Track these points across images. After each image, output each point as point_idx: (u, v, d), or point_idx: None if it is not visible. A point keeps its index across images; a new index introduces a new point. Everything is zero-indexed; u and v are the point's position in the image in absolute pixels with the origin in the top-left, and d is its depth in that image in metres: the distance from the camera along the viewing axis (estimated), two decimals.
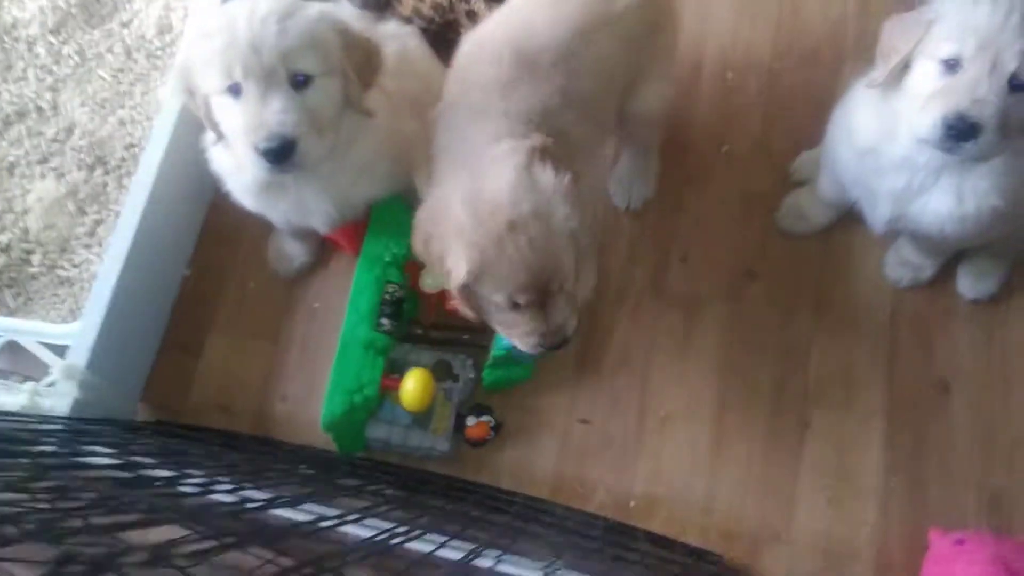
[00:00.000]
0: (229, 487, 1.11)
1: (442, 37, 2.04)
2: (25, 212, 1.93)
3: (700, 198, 2.02)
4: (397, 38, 1.84)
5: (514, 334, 1.44)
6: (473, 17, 2.02)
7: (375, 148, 1.63)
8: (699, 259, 1.96)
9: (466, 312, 1.45)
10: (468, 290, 1.37)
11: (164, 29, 2.10)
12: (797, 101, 2.11)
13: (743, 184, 2.03)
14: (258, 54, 1.37)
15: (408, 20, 1.99)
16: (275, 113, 1.39)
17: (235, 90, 1.40)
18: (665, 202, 2.01)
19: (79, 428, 1.44)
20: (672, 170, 2.02)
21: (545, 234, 1.32)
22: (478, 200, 1.33)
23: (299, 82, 1.42)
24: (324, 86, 1.45)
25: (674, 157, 2.03)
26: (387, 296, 1.70)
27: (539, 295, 1.36)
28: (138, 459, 1.23)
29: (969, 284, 1.87)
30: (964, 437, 1.77)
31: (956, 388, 1.81)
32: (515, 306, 1.38)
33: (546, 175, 1.33)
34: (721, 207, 2.01)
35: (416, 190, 1.81)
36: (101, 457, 1.21)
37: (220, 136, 1.50)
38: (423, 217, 1.42)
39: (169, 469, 1.16)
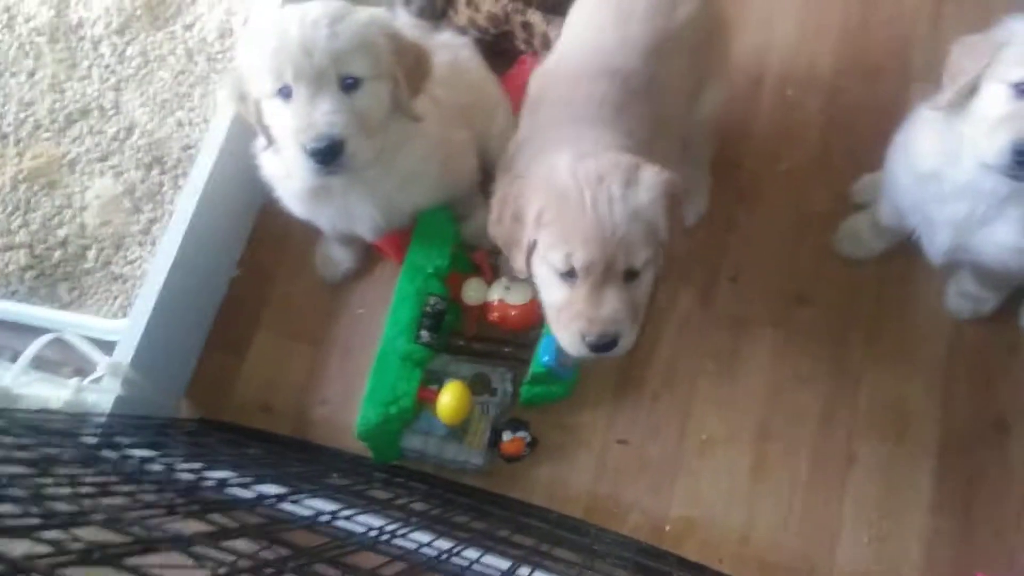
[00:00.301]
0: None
1: (496, 48, 2.04)
2: (83, 208, 1.98)
3: (753, 217, 1.97)
4: (450, 48, 1.84)
5: (562, 318, 1.37)
6: (528, 28, 2.01)
7: (423, 155, 1.63)
8: (749, 280, 1.91)
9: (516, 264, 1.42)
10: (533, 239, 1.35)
11: (225, 33, 2.13)
12: (860, 120, 2.05)
13: (799, 204, 1.98)
14: (309, 56, 1.38)
15: (463, 31, 1.99)
16: (324, 114, 1.39)
17: (285, 93, 1.41)
18: (716, 220, 1.97)
19: (116, 431, 1.47)
20: (725, 187, 1.98)
21: (630, 204, 1.30)
22: (580, 159, 1.34)
23: (348, 85, 1.42)
24: (373, 89, 1.45)
25: (728, 174, 1.99)
26: (428, 308, 1.70)
27: (601, 268, 1.30)
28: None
29: None
30: (1019, 478, 1.69)
31: (1015, 427, 1.73)
32: (570, 275, 1.33)
33: (651, 168, 1.34)
34: (775, 227, 1.96)
35: (462, 200, 1.82)
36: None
37: (270, 141, 1.51)
38: (507, 180, 1.45)
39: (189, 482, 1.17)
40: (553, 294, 1.38)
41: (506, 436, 1.75)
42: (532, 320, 1.77)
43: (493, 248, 1.88)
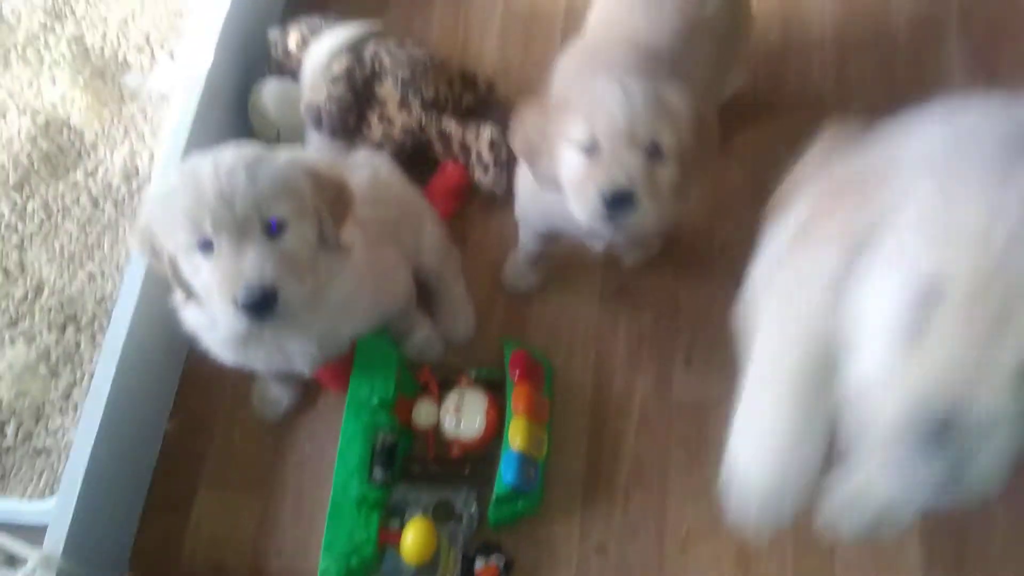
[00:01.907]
0: None
1: (415, 158, 2.00)
2: None
3: (696, 295, 1.93)
4: (369, 165, 1.79)
5: (581, 189, 1.39)
6: (445, 137, 1.97)
7: (354, 284, 1.55)
8: (703, 359, 1.86)
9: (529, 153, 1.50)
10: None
11: (130, 175, 2.04)
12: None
13: (737, 275, 1.94)
14: (230, 206, 1.30)
15: (379, 146, 1.94)
16: (252, 264, 1.31)
17: (206, 245, 1.33)
18: (660, 301, 1.93)
19: None
20: (665, 267, 1.95)
21: (660, 94, 1.38)
22: None
23: (272, 229, 1.35)
24: (299, 230, 1.38)
25: (667, 251, 1.96)
26: (378, 445, 1.61)
27: (624, 139, 1.35)
28: None
29: None
30: (1008, 514, 1.65)
31: None
32: (592, 150, 1.37)
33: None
34: (717, 302, 1.88)
35: (401, 318, 1.75)
36: None
37: (190, 295, 1.42)
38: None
39: None
40: (574, 171, 1.41)
41: (479, 563, 1.65)
42: (489, 439, 1.70)
43: (438, 362, 1.83)
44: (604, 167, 1.36)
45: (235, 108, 2.08)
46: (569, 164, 1.42)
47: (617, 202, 1.35)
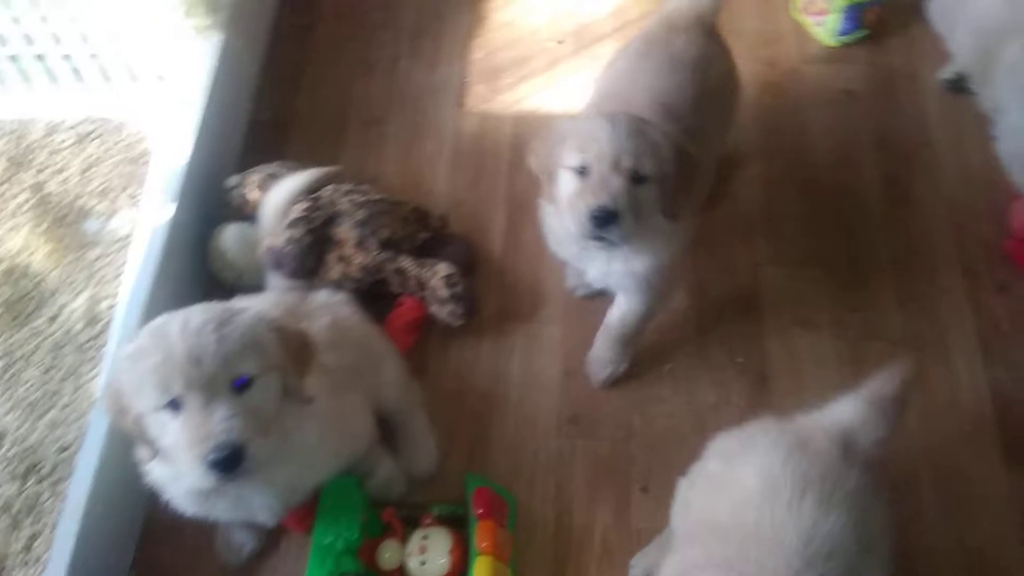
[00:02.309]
0: None
1: (373, 294, 2.06)
2: None
3: (650, 422, 2.01)
4: (328, 308, 1.83)
5: (573, 203, 1.61)
6: (401, 273, 2.05)
7: (318, 434, 1.58)
8: (660, 486, 1.91)
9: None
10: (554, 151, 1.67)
11: (92, 320, 2.07)
12: (727, 309, 2.16)
13: (690, 400, 2.03)
14: (199, 365, 1.34)
15: (338, 285, 2.00)
16: (220, 422, 1.34)
17: (175, 404, 1.36)
18: (615, 428, 2.00)
19: None
20: (615, 394, 2.04)
21: (643, 126, 1.62)
22: None
23: (238, 385, 1.38)
24: (264, 385, 1.42)
25: (621, 380, 2.04)
26: None
27: (608, 163, 1.58)
28: None
29: None
30: None
31: None
32: (583, 172, 1.60)
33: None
34: (673, 429, 1.99)
35: (363, 460, 1.78)
36: None
37: (156, 453, 1.44)
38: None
39: None
40: (568, 191, 1.63)
41: None
42: None
43: (402, 501, 1.85)
44: (592, 188, 1.58)
45: (196, 251, 2.14)
46: (564, 185, 1.65)
47: (601, 218, 1.57)
